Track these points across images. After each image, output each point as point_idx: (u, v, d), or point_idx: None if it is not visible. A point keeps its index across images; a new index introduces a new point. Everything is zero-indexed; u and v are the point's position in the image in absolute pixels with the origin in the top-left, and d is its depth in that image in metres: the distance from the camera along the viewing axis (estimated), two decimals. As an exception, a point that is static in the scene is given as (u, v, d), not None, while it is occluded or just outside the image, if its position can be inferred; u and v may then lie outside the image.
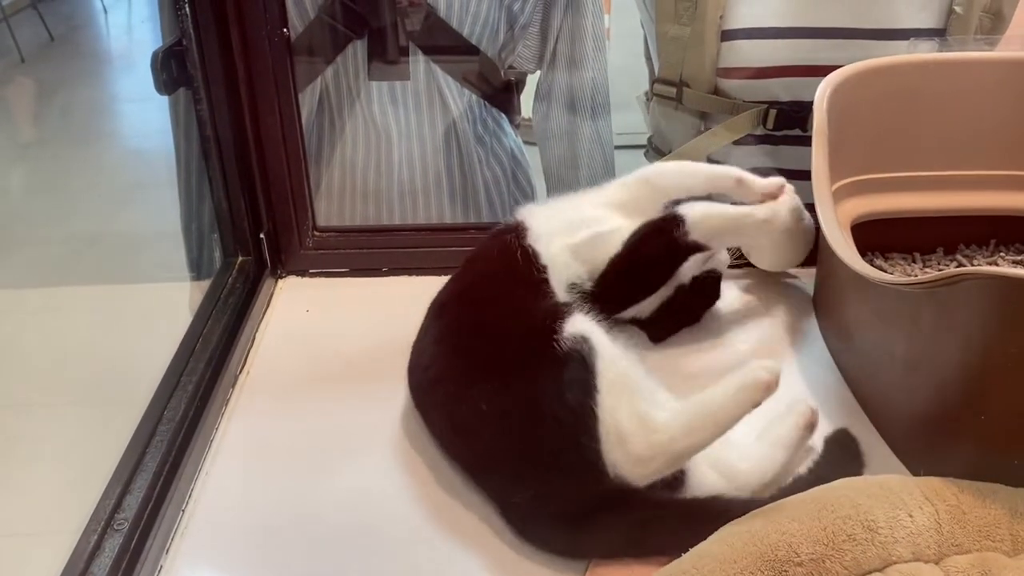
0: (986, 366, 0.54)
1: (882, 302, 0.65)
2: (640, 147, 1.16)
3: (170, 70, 0.77)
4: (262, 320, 0.82)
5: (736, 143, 1.00)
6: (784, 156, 1.00)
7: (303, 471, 0.65)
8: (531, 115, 1.16)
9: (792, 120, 0.97)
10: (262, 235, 0.86)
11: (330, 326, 0.82)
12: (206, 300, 0.81)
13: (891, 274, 0.80)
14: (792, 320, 0.80)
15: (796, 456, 0.62)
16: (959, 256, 0.83)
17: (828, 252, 0.70)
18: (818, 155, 0.72)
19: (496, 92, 1.09)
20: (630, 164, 1.15)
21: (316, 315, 0.83)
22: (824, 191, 0.71)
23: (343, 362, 0.77)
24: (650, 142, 1.13)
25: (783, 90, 0.96)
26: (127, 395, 0.71)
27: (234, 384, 0.74)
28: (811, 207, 0.71)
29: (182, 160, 0.99)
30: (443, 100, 1.04)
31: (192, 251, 1.02)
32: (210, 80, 0.78)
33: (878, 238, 0.81)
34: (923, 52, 0.85)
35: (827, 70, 0.76)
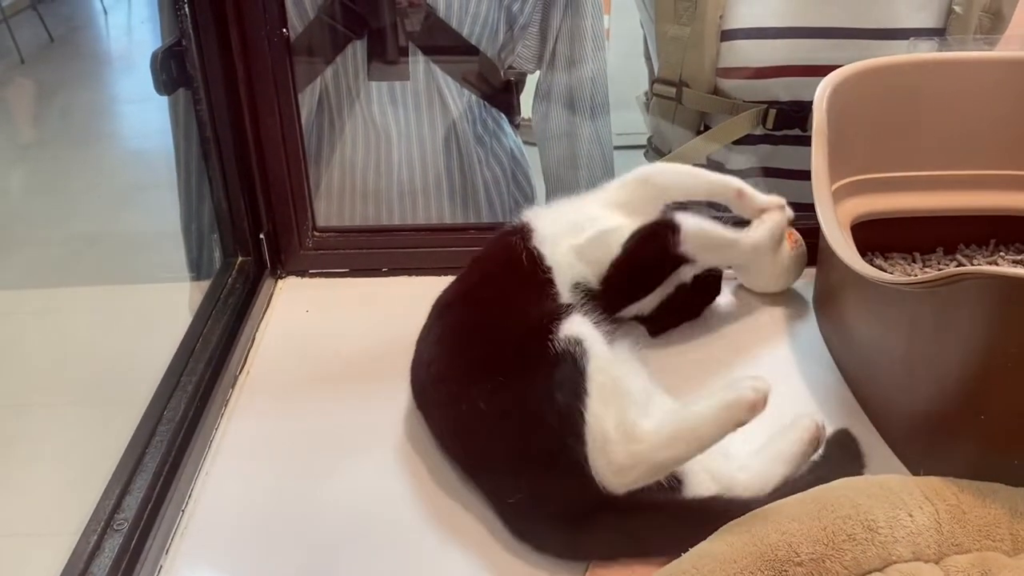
0: (986, 366, 0.54)
1: (882, 302, 0.65)
2: (640, 147, 1.16)
3: (169, 70, 0.78)
4: (262, 320, 0.82)
5: (736, 143, 1.00)
6: (784, 156, 1.00)
7: (303, 471, 0.65)
8: (531, 115, 1.16)
9: (792, 120, 0.97)
10: (262, 235, 0.86)
11: (330, 326, 0.82)
12: (206, 300, 0.81)
13: (891, 274, 0.80)
14: (792, 320, 0.80)
15: (798, 470, 0.61)
16: (959, 256, 0.83)
17: (828, 252, 0.70)
18: (818, 155, 0.72)
19: (496, 92, 1.09)
20: (630, 164, 1.15)
21: (316, 315, 0.83)
22: (824, 191, 0.71)
23: (343, 362, 0.77)
24: (650, 142, 1.13)
25: (783, 90, 0.96)
26: (127, 395, 0.71)
27: (234, 384, 0.74)
28: (811, 207, 0.71)
29: (182, 160, 0.99)
30: (443, 100, 1.04)
31: (192, 251, 1.02)
32: (209, 80, 0.78)
33: (878, 238, 0.81)
34: (923, 52, 0.85)
35: (827, 70, 0.77)
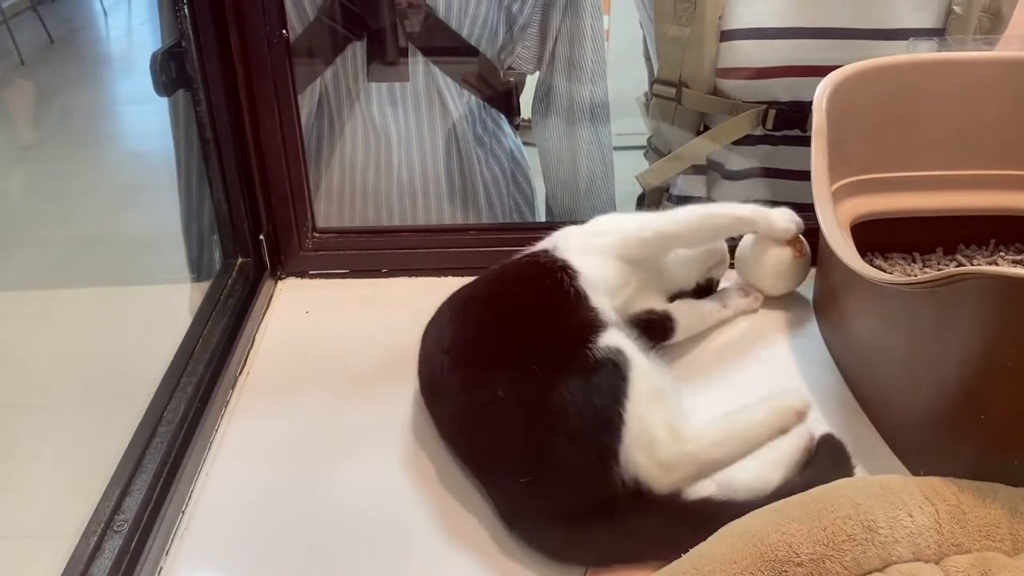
0: (986, 366, 0.54)
1: (882, 302, 0.65)
2: (640, 148, 1.16)
3: (169, 72, 0.78)
4: (262, 321, 0.82)
5: (735, 143, 1.00)
6: (784, 156, 1.00)
7: (303, 472, 0.65)
8: (530, 116, 1.16)
9: (791, 120, 0.97)
10: (262, 236, 0.86)
11: (330, 327, 0.82)
12: (206, 301, 0.81)
13: (891, 274, 0.80)
14: (792, 320, 0.80)
15: (794, 472, 0.62)
16: (959, 256, 0.83)
17: (828, 252, 0.70)
18: (817, 155, 0.72)
19: (495, 93, 1.09)
20: (630, 165, 1.16)
21: (316, 316, 0.83)
22: (823, 191, 0.71)
23: (343, 363, 0.77)
24: (649, 143, 1.13)
25: (782, 90, 0.96)
26: (127, 396, 0.71)
27: (234, 385, 0.74)
28: (811, 207, 0.71)
29: (182, 162, 0.99)
30: (442, 101, 1.03)
31: (192, 252, 1.02)
32: (209, 82, 0.78)
33: (878, 238, 0.81)
34: (922, 52, 0.85)
35: (826, 70, 0.76)
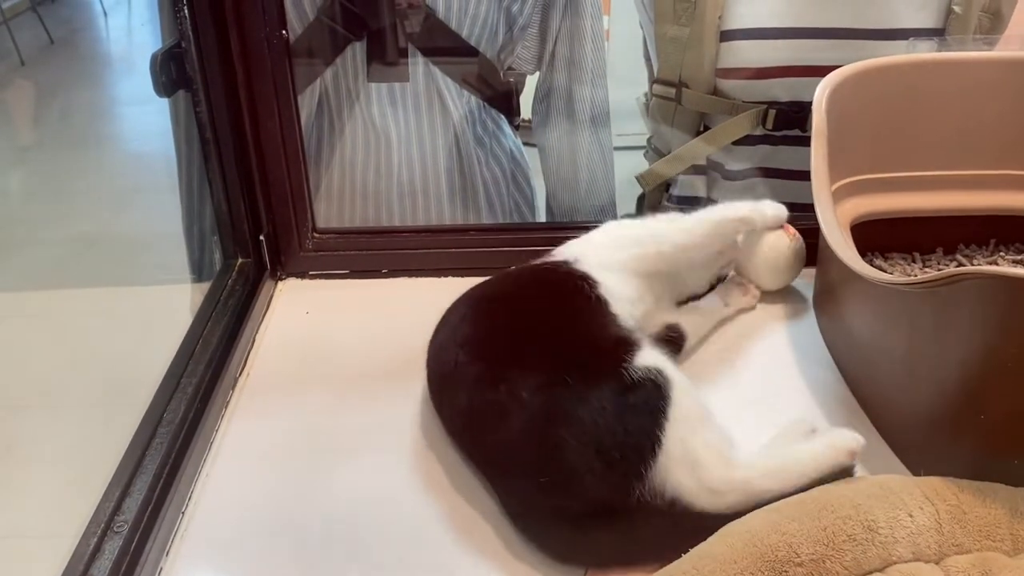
0: (986, 366, 0.54)
1: (882, 302, 0.65)
2: (640, 148, 1.16)
3: (169, 72, 0.77)
4: (262, 322, 0.82)
5: (735, 143, 1.00)
6: (783, 156, 1.00)
7: (303, 473, 0.65)
8: (530, 116, 1.16)
9: (791, 120, 0.97)
10: (262, 237, 0.86)
11: (330, 328, 0.82)
12: (206, 302, 0.81)
13: (891, 274, 0.80)
14: (792, 320, 0.80)
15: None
16: (959, 256, 0.83)
17: (828, 252, 0.70)
18: (817, 155, 0.72)
19: (495, 93, 1.09)
20: (630, 165, 1.16)
21: (316, 317, 0.83)
22: (823, 191, 0.71)
23: (343, 364, 0.77)
24: (649, 143, 1.13)
25: (782, 90, 0.96)
26: (127, 397, 0.71)
27: (234, 386, 0.74)
28: (811, 207, 0.71)
29: (183, 162, 0.99)
30: (442, 101, 1.03)
31: (194, 253, 1.02)
32: (209, 82, 0.78)
33: (878, 238, 0.81)
34: (922, 52, 0.85)
35: (826, 70, 0.76)
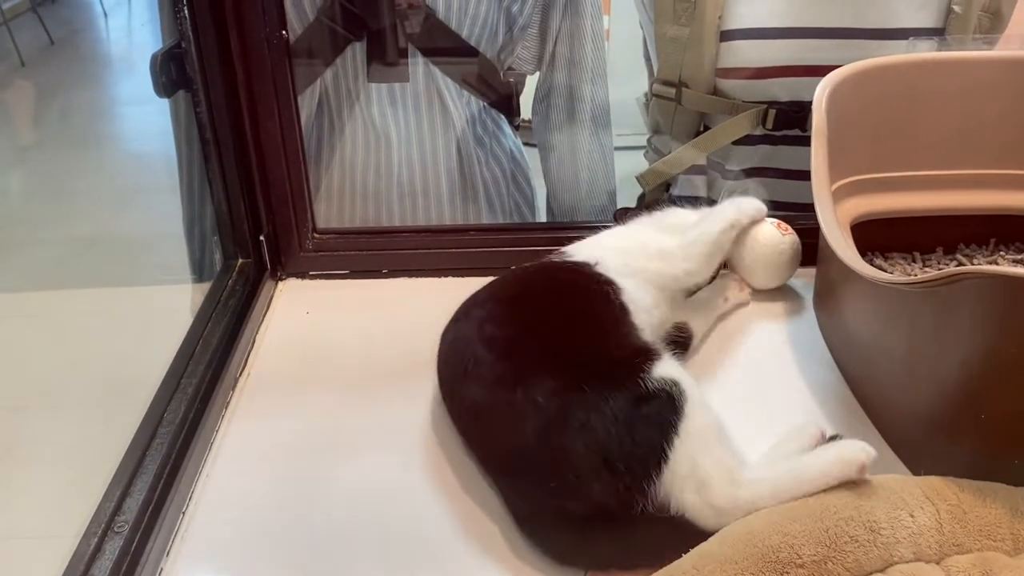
0: (986, 365, 0.54)
1: (882, 302, 0.65)
2: (640, 148, 1.16)
3: (169, 73, 0.77)
4: (262, 322, 0.82)
5: (735, 143, 1.00)
6: (783, 156, 1.00)
7: (303, 473, 0.65)
8: (530, 116, 1.15)
9: (791, 120, 0.97)
10: (262, 237, 0.86)
11: (330, 328, 0.82)
12: (206, 302, 0.81)
13: (891, 274, 0.80)
14: (792, 319, 0.80)
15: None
16: (959, 255, 0.83)
17: (828, 252, 0.70)
18: (817, 155, 0.72)
19: (495, 94, 1.09)
20: (630, 165, 1.16)
21: (316, 317, 0.83)
22: (823, 191, 0.71)
23: (343, 364, 0.77)
24: (650, 143, 1.13)
25: (782, 90, 0.96)
26: (127, 397, 0.71)
27: (234, 386, 0.74)
28: (811, 207, 0.71)
29: (184, 163, 0.99)
30: (442, 102, 1.03)
31: (195, 253, 1.02)
32: (209, 83, 0.78)
33: (878, 238, 0.81)
34: (922, 52, 0.85)
35: (826, 70, 0.76)
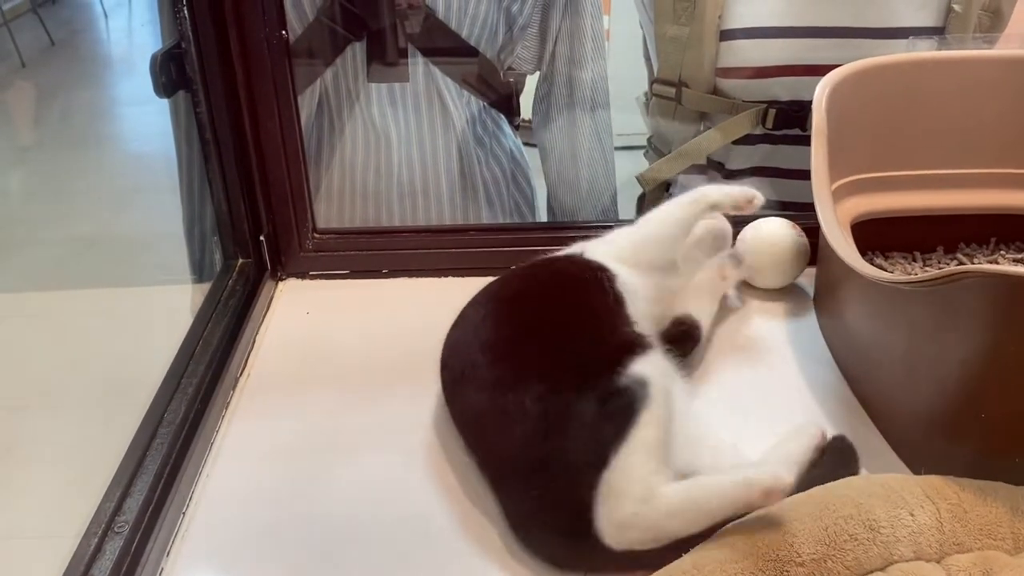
0: (987, 364, 0.54)
1: (882, 301, 0.65)
2: (640, 148, 1.16)
3: (169, 73, 0.77)
4: (262, 322, 0.82)
5: (735, 143, 1.00)
6: (783, 155, 1.00)
7: (304, 473, 0.65)
8: (531, 116, 1.16)
9: (791, 119, 0.97)
10: (262, 237, 0.86)
11: (330, 328, 0.82)
12: (206, 303, 0.80)
13: (891, 273, 0.80)
14: (792, 319, 0.80)
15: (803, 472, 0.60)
16: (959, 255, 0.83)
17: (828, 251, 0.70)
18: (817, 154, 0.72)
19: (495, 93, 1.09)
20: (630, 165, 1.16)
21: (316, 317, 0.83)
22: (824, 190, 0.71)
23: (343, 364, 0.77)
24: (650, 142, 1.13)
25: (782, 90, 0.96)
26: (127, 397, 0.71)
27: (234, 386, 0.74)
28: (811, 206, 0.71)
29: (184, 163, 0.99)
30: (442, 102, 1.03)
31: (195, 253, 1.02)
32: (209, 83, 0.78)
33: (878, 237, 0.81)
34: (922, 51, 0.85)
35: (826, 69, 0.76)
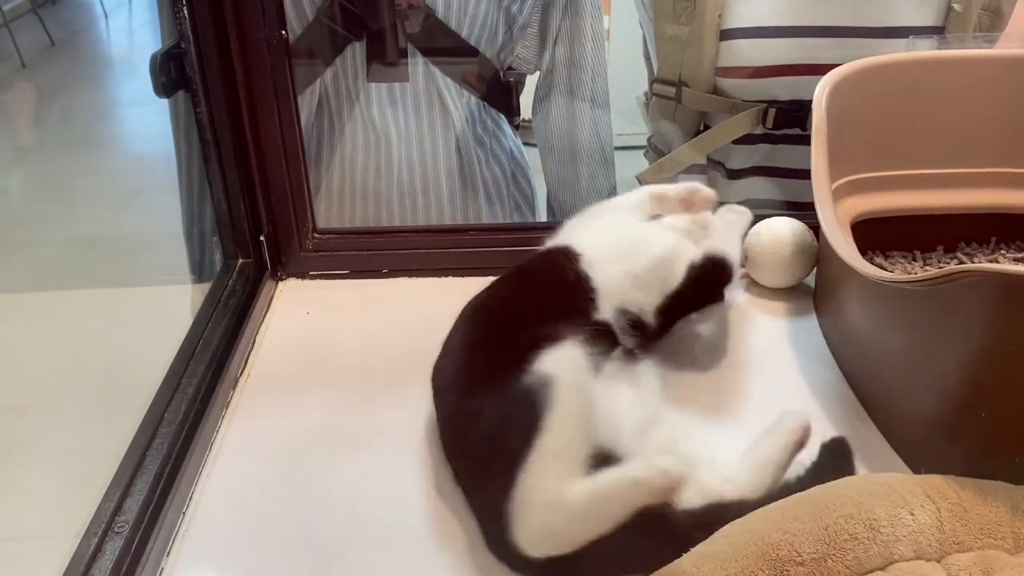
0: (987, 363, 0.54)
1: (882, 300, 0.65)
2: (640, 147, 1.16)
3: (169, 73, 0.77)
4: (262, 322, 0.82)
5: (736, 142, 1.00)
6: (784, 155, 1.00)
7: (304, 473, 0.65)
8: (530, 116, 1.15)
9: (791, 119, 0.97)
10: (262, 237, 0.86)
11: (330, 328, 0.82)
12: (206, 303, 0.80)
13: (891, 272, 0.80)
14: (792, 318, 0.79)
15: (785, 473, 0.57)
16: (959, 254, 0.83)
17: (828, 251, 0.70)
18: (817, 154, 0.72)
19: (495, 93, 1.09)
20: (630, 164, 1.16)
21: (316, 317, 0.83)
22: (824, 189, 0.71)
23: (344, 364, 0.77)
24: (650, 142, 1.13)
25: (782, 89, 0.96)
26: (127, 397, 0.71)
27: (234, 386, 0.74)
28: (811, 206, 0.71)
29: (183, 163, 0.99)
30: (442, 101, 1.03)
31: (194, 254, 1.02)
32: (209, 83, 0.78)
33: (878, 236, 0.81)
34: (922, 50, 0.85)
35: (826, 69, 0.76)
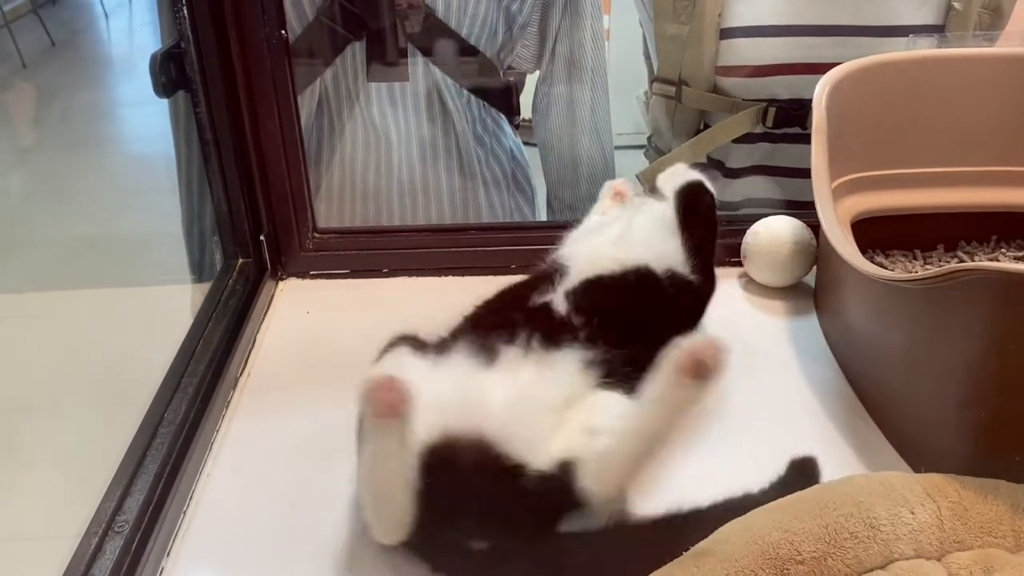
0: (987, 362, 0.54)
1: (883, 299, 0.65)
2: (640, 147, 1.16)
3: (169, 73, 0.77)
4: (263, 322, 0.82)
5: (736, 141, 1.00)
6: (784, 154, 1.00)
7: (304, 473, 0.65)
8: (530, 116, 1.16)
9: (791, 118, 0.97)
10: (262, 237, 0.86)
11: (331, 328, 0.82)
12: (206, 302, 0.80)
13: (891, 271, 0.80)
14: (792, 316, 0.79)
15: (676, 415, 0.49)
16: (960, 252, 0.83)
17: (828, 249, 0.70)
18: (817, 153, 0.72)
19: (495, 93, 1.09)
20: (630, 164, 1.16)
21: (317, 317, 0.83)
22: (824, 188, 0.71)
23: (344, 364, 0.76)
24: (650, 141, 1.13)
25: (782, 88, 0.96)
26: (127, 397, 0.71)
27: (235, 386, 0.74)
28: (811, 204, 0.71)
29: (183, 163, 0.99)
30: (442, 101, 1.03)
31: (194, 253, 1.02)
32: (208, 83, 0.78)
33: (878, 235, 0.81)
34: (922, 49, 0.85)
35: (826, 68, 0.76)
